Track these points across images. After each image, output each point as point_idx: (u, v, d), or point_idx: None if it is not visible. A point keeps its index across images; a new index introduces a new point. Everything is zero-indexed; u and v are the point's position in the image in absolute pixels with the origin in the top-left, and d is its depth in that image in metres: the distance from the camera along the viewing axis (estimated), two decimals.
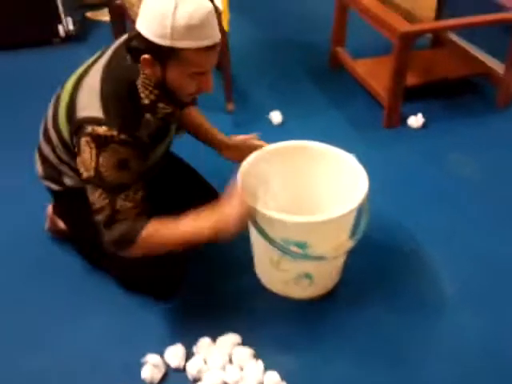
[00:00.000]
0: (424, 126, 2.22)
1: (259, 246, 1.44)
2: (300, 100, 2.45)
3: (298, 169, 1.56)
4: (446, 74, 2.38)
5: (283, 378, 1.28)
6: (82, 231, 1.51)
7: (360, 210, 1.38)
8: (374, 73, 2.38)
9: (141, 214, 1.25)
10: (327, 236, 1.37)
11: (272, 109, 2.31)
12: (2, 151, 2.12)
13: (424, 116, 2.22)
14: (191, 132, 1.58)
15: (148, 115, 1.27)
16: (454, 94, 2.43)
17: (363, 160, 1.47)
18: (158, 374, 1.29)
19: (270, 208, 1.32)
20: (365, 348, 1.38)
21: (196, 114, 1.58)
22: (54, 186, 1.47)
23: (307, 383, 1.30)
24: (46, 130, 1.41)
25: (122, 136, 1.20)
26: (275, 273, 1.45)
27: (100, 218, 1.25)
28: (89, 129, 1.20)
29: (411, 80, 2.23)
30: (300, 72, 2.68)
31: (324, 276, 1.48)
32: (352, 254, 1.48)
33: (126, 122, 1.22)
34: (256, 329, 1.40)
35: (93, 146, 1.20)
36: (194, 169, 1.69)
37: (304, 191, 1.59)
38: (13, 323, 1.46)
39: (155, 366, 1.28)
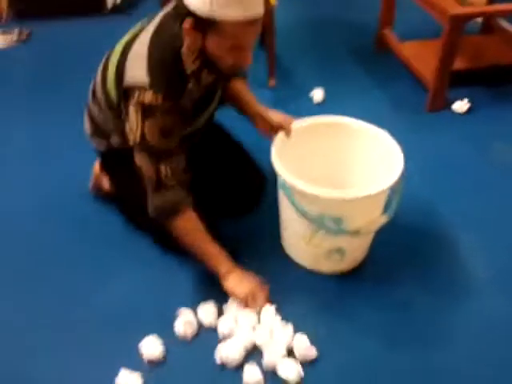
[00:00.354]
0: (469, 111, 2.17)
1: (292, 221, 1.45)
2: (343, 80, 2.43)
3: (333, 145, 1.56)
4: (495, 61, 2.32)
5: (312, 342, 1.30)
6: (125, 191, 1.56)
7: (393, 188, 1.37)
8: (421, 56, 2.33)
9: (183, 184, 1.30)
10: (362, 212, 1.37)
11: (314, 87, 2.30)
12: (51, 114, 2.19)
13: (469, 102, 2.17)
14: (231, 102, 1.58)
15: (191, 83, 1.29)
16: (502, 81, 2.37)
17: (404, 141, 1.45)
18: (189, 329, 1.32)
19: (305, 183, 1.32)
20: (392, 324, 1.38)
21: (242, 86, 1.57)
22: (101, 146, 1.52)
23: (336, 350, 1.31)
24: (94, 92, 1.45)
25: (167, 103, 1.22)
26: (306, 248, 1.45)
27: (147, 181, 1.30)
28: (136, 94, 1.23)
29: (459, 64, 2.18)
30: (344, 52, 2.66)
31: (355, 251, 1.49)
32: (383, 232, 1.47)
33: (171, 89, 1.24)
34: (285, 298, 1.41)
35: (139, 112, 1.24)
36: (241, 144, 1.69)
37: (338, 167, 1.60)
38: (55, 277, 1.52)
39: (188, 322, 1.32)
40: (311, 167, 1.54)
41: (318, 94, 2.26)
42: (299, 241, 1.46)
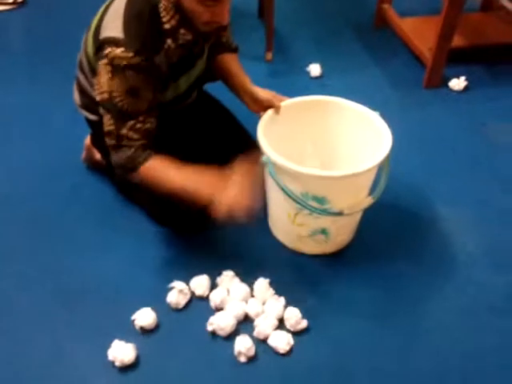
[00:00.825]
0: (465, 89, 2.16)
1: (276, 200, 1.45)
2: (341, 55, 2.42)
3: (320, 124, 1.55)
4: (494, 39, 2.31)
5: (302, 316, 1.32)
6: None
7: (381, 168, 1.37)
8: (420, 32, 2.32)
9: (146, 146, 1.28)
10: (346, 192, 1.37)
11: (311, 61, 2.28)
12: (46, 82, 2.18)
13: (466, 80, 2.17)
14: (223, 80, 1.54)
15: (169, 41, 1.25)
16: (500, 59, 2.36)
17: (399, 117, 1.46)
18: (182, 300, 1.34)
19: (290, 161, 1.31)
20: (382, 300, 1.40)
21: (232, 62, 1.53)
22: (91, 116, 1.50)
23: (326, 324, 1.33)
24: (80, 60, 1.43)
25: (138, 59, 1.19)
26: (291, 227, 1.45)
27: (108, 141, 1.29)
28: (107, 50, 1.20)
29: (457, 42, 2.17)
30: (343, 27, 2.63)
31: (340, 232, 1.48)
32: (372, 210, 1.46)
33: (144, 45, 1.21)
34: (273, 275, 1.41)
35: (108, 69, 1.21)
36: (232, 114, 1.66)
37: (325, 146, 1.59)
38: (46, 248, 1.52)
39: (181, 291, 1.33)
40: (298, 146, 1.53)
41: (314, 69, 2.24)
42: (284, 220, 1.45)
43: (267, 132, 1.39)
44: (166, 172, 1.29)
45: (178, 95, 1.42)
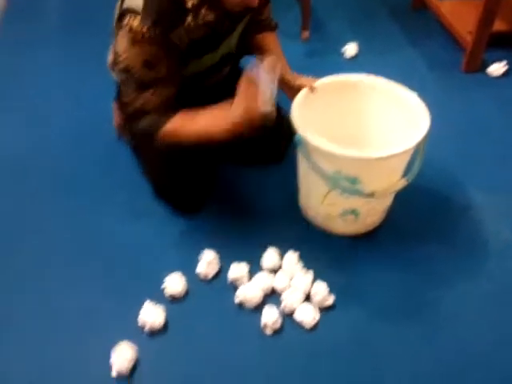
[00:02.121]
0: (505, 74, 2.11)
1: (307, 178, 1.45)
2: (377, 36, 2.38)
3: (355, 104, 1.53)
4: None
5: (330, 292, 1.33)
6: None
7: (416, 151, 1.36)
8: (460, 15, 2.26)
9: (167, 110, 1.28)
10: (379, 174, 1.35)
11: (347, 42, 2.26)
12: (84, 48, 2.21)
13: (507, 65, 2.12)
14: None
15: (189, 19, 1.24)
16: None
17: (435, 101, 1.43)
18: (212, 270, 1.36)
19: (323, 140, 1.30)
20: (410, 282, 1.39)
21: (270, 43, 1.51)
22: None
23: (352, 302, 1.34)
24: (113, 25, 1.44)
25: (153, 33, 1.19)
26: (321, 206, 1.45)
27: (127, 111, 1.30)
28: (126, 20, 1.20)
29: (498, 26, 2.11)
30: (380, 8, 2.58)
31: (370, 213, 1.47)
32: (404, 193, 1.45)
33: (161, 19, 1.20)
34: (302, 250, 1.43)
35: (125, 39, 1.21)
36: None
37: (361, 127, 1.57)
38: (78, 212, 1.56)
39: (210, 263, 1.36)
40: (332, 126, 1.50)
41: (350, 49, 2.22)
42: (314, 199, 1.46)
43: (301, 111, 1.38)
44: (188, 123, 1.29)
45: (200, 72, 1.41)
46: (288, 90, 1.47)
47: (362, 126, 1.56)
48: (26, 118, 1.90)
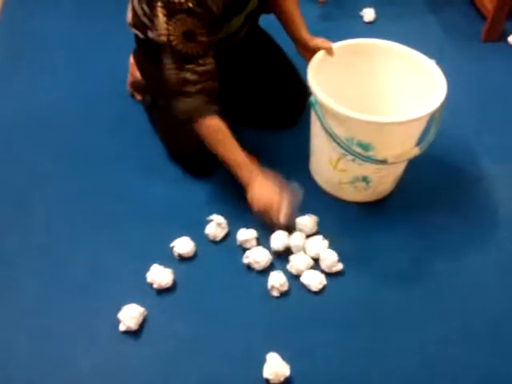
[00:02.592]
0: None
1: (319, 144, 1.43)
2: (396, 1, 2.31)
3: (372, 68, 1.50)
4: None
5: (339, 259, 1.33)
6: (150, 83, 1.58)
7: (432, 119, 1.33)
8: None
9: (208, 92, 1.28)
10: (393, 140, 1.33)
11: (365, 6, 2.21)
12: (92, 10, 2.18)
13: None
14: (278, 18, 1.52)
15: None
16: None
17: (453, 70, 1.40)
18: (220, 233, 1.37)
19: (338, 104, 1.28)
20: (420, 250, 1.39)
21: (288, 3, 1.50)
22: (140, 34, 1.51)
23: (361, 268, 1.34)
24: None
25: (191, 4, 1.18)
26: (332, 173, 1.44)
27: (170, 86, 1.29)
28: None
29: None
30: None
31: (382, 181, 1.46)
32: (417, 163, 1.45)
33: None
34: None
35: (164, 12, 1.21)
36: (282, 51, 1.65)
37: (377, 92, 1.54)
38: (89, 171, 1.57)
39: (219, 224, 1.36)
40: (347, 90, 1.48)
41: (368, 14, 2.17)
42: (325, 165, 1.44)
43: (317, 73, 1.36)
44: (216, 143, 1.33)
45: (228, 34, 1.41)
46: (304, 51, 1.47)
47: (378, 90, 1.54)
48: (39, 75, 1.89)
